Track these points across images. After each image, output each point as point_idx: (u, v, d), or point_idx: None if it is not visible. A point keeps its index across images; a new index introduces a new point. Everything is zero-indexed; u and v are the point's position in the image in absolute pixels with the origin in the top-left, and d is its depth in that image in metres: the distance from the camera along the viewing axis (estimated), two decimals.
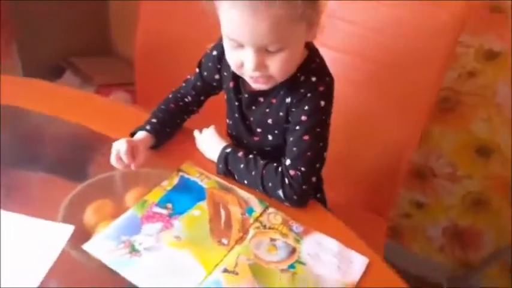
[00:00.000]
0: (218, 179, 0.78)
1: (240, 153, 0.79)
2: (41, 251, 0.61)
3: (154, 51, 1.41)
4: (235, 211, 0.72)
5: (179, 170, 0.79)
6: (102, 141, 0.86)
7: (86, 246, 0.63)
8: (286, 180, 0.74)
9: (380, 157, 1.08)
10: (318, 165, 0.76)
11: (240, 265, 0.63)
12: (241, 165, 0.77)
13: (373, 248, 0.71)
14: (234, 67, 0.73)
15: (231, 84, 0.82)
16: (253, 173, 0.76)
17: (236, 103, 0.83)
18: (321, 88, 0.74)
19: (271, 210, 0.73)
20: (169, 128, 0.86)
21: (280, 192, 0.74)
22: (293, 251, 0.67)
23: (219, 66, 0.84)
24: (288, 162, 0.75)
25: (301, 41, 0.71)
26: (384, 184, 1.14)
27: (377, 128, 1.06)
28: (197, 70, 0.88)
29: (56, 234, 0.63)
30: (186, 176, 0.78)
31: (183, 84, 0.91)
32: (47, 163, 0.85)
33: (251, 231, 0.69)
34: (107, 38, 1.85)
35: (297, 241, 0.69)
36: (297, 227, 0.71)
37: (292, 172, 0.74)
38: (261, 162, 0.77)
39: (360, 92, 1.06)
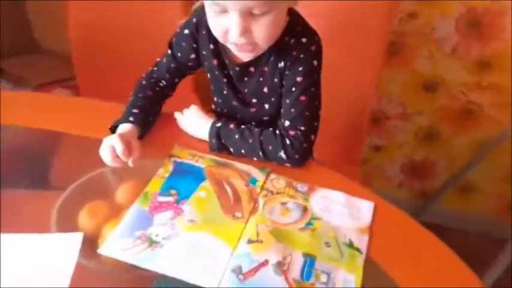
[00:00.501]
0: (212, 156, 0.76)
1: (232, 125, 0.77)
2: (56, 266, 0.57)
3: (90, 41, 1.34)
4: (239, 184, 0.71)
5: (171, 156, 0.76)
6: (53, 140, 0.81)
7: (102, 251, 0.59)
8: (287, 141, 0.74)
9: (346, 109, 1.13)
10: (315, 124, 0.77)
11: (262, 233, 0.63)
12: (236, 136, 0.76)
13: None
14: (218, 35, 0.70)
15: (215, 62, 0.80)
16: (250, 141, 0.75)
17: (224, 79, 0.81)
18: (313, 48, 0.74)
19: (273, 176, 0.74)
20: (151, 116, 0.82)
21: (282, 153, 0.74)
22: (305, 209, 0.68)
23: (194, 45, 0.81)
24: (287, 123, 0.76)
25: (285, 5, 0.70)
26: (352, 134, 1.18)
27: (342, 82, 1.09)
28: (169, 52, 0.83)
29: (66, 245, 0.58)
30: (180, 160, 0.75)
31: (155, 68, 0.86)
32: (7, 179, 0.78)
33: (260, 200, 0.69)
34: (30, 37, 1.73)
35: (306, 200, 0.70)
36: (301, 186, 0.72)
37: (292, 132, 0.75)
38: (256, 129, 0.76)
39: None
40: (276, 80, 0.77)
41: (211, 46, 0.79)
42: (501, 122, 1.35)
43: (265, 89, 0.80)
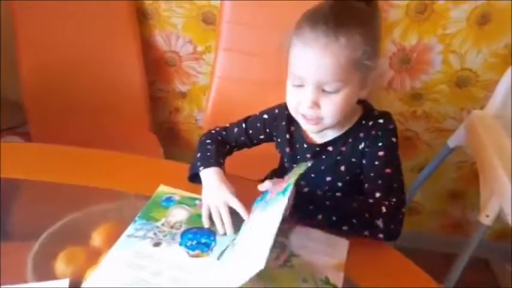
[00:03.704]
0: (187, 194, 0.81)
1: (319, 192, 0.85)
2: None
3: (42, 85, 1.35)
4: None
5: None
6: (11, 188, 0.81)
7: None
8: (384, 209, 0.74)
9: None
10: (404, 197, 0.78)
11: None
12: (327, 202, 0.77)
13: None
14: (291, 106, 0.79)
15: (288, 150, 0.88)
16: (343, 208, 0.76)
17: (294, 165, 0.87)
18: (391, 126, 0.81)
19: None
20: (223, 158, 0.87)
21: (380, 222, 0.74)
22: (283, 246, 0.73)
23: (267, 130, 0.90)
24: (378, 194, 0.77)
25: (355, 89, 0.75)
26: None
27: None
28: (243, 125, 0.91)
29: None
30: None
31: (223, 133, 0.92)
32: None
33: None
34: None
35: (285, 237, 0.75)
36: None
37: (386, 203, 0.75)
38: (346, 198, 0.79)
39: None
40: (353, 159, 0.82)
41: (287, 136, 0.88)
42: (435, 146, 1.50)
43: (343, 168, 0.83)
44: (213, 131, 0.92)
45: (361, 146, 0.81)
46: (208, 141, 0.88)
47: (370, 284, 0.69)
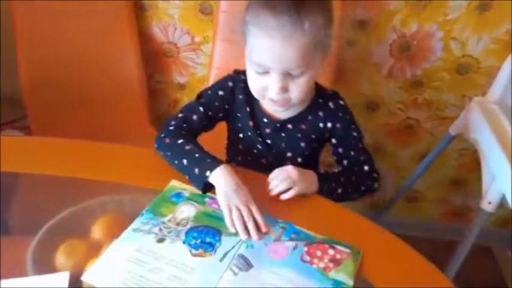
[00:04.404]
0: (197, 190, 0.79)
1: (330, 171, 0.90)
2: None
3: (41, 78, 1.34)
4: None
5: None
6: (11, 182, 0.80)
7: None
8: (375, 175, 0.91)
9: None
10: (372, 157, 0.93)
11: None
12: (342, 178, 0.86)
13: None
14: (256, 91, 0.80)
15: (251, 123, 0.89)
16: (353, 178, 0.87)
17: (259, 138, 0.90)
18: (342, 102, 0.90)
19: None
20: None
21: (374, 184, 0.91)
22: None
23: (227, 106, 0.89)
24: (366, 168, 0.90)
25: (318, 67, 0.79)
26: None
27: None
28: (201, 109, 0.87)
29: (55, 286, 0.59)
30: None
31: (183, 125, 0.86)
32: None
33: None
34: None
35: None
36: None
37: (374, 174, 0.91)
38: (350, 171, 0.90)
39: None
40: (313, 136, 0.90)
41: (248, 109, 0.88)
42: (436, 134, 1.49)
43: (303, 144, 0.90)
44: (171, 128, 0.84)
45: (322, 124, 0.88)
46: (180, 141, 0.80)
47: (382, 281, 0.68)
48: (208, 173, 0.74)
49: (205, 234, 0.71)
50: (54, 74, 1.35)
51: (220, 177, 0.74)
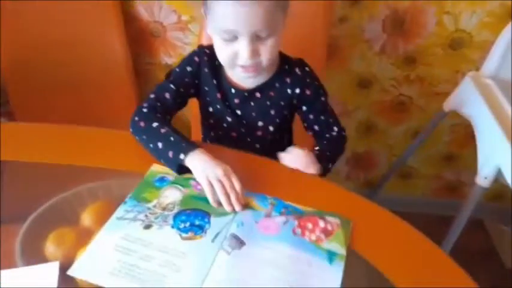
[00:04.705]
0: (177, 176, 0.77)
1: (317, 147, 0.91)
2: None
3: (22, 65, 1.30)
4: None
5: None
6: None
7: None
8: (343, 133, 0.97)
9: None
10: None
11: None
12: (328, 153, 0.90)
13: None
14: (226, 60, 0.80)
15: (219, 96, 0.88)
16: (338, 149, 0.95)
17: (228, 110, 0.90)
18: (307, 68, 0.91)
19: None
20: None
21: (345, 144, 0.98)
22: None
23: (196, 81, 0.89)
24: (335, 129, 0.95)
25: (282, 29, 0.80)
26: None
27: None
28: (173, 87, 0.86)
29: (43, 278, 0.56)
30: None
31: (157, 104, 0.84)
32: None
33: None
34: None
35: None
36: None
37: (343, 133, 0.97)
38: (326, 140, 0.95)
39: None
40: (282, 103, 0.90)
41: (214, 81, 0.88)
42: (429, 110, 1.47)
43: (273, 112, 0.91)
44: (145, 110, 0.82)
45: (290, 90, 0.89)
46: (155, 124, 0.78)
47: (376, 255, 0.67)
48: (182, 156, 0.73)
49: (194, 217, 0.69)
50: (36, 57, 1.30)
51: (195, 159, 0.73)
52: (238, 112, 0.91)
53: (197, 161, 0.73)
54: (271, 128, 0.93)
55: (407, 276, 0.64)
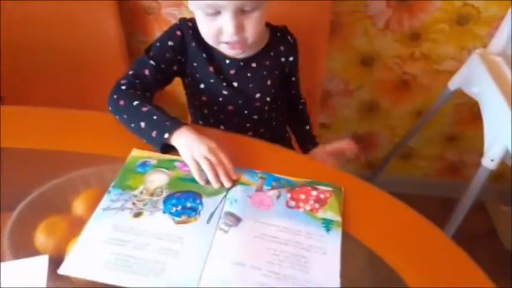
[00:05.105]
0: (164, 156, 0.74)
1: (307, 127, 1.03)
2: None
3: (12, 45, 1.24)
4: None
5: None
6: None
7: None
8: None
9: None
10: None
11: None
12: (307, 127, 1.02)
13: None
14: (209, 37, 0.76)
15: (211, 69, 0.83)
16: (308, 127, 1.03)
17: (223, 83, 0.85)
18: (293, 35, 0.91)
19: None
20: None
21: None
22: None
23: (179, 57, 0.83)
24: (303, 95, 1.01)
25: (267, 3, 0.76)
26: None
27: None
28: (152, 63, 0.80)
29: (33, 271, 0.53)
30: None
31: (136, 81, 0.79)
32: None
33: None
34: None
35: None
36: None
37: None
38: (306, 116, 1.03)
39: None
40: (276, 72, 0.89)
41: (204, 55, 0.82)
42: (433, 89, 1.43)
43: (269, 82, 0.88)
44: (123, 88, 0.77)
45: (284, 58, 0.89)
46: (136, 103, 0.74)
47: (369, 235, 0.65)
48: (166, 135, 0.70)
49: (185, 200, 0.66)
50: (26, 37, 1.25)
51: (180, 138, 0.70)
52: (235, 84, 0.86)
53: (183, 140, 0.70)
54: (268, 99, 0.91)
55: (408, 260, 0.62)
